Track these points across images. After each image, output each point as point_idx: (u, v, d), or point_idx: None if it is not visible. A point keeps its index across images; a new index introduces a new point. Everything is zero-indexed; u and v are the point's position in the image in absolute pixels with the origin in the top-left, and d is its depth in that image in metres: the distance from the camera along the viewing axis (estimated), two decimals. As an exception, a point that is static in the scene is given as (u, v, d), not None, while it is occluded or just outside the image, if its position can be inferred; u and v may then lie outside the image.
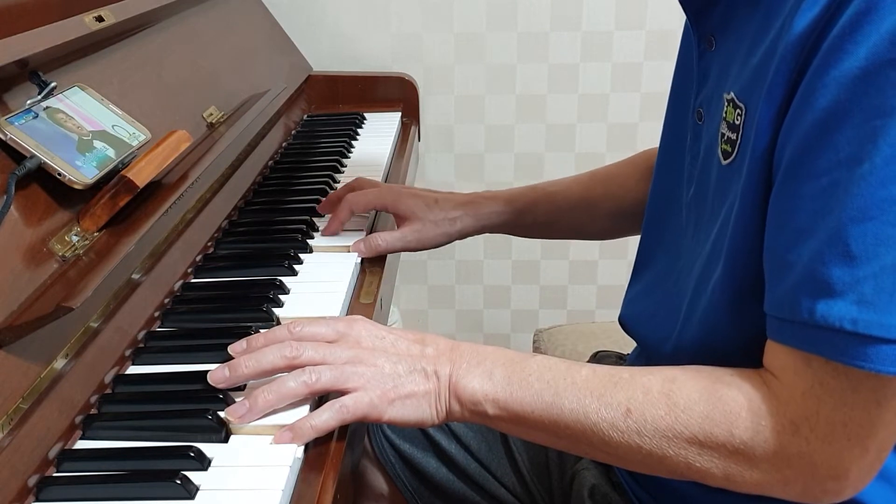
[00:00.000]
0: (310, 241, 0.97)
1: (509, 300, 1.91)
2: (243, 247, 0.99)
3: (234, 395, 0.68)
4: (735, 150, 0.65)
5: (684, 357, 0.71)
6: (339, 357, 0.67)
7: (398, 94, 1.59)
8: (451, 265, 1.87)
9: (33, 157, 0.73)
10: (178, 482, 0.58)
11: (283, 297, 0.85)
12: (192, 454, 0.61)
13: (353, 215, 1.00)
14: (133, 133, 0.87)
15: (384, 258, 0.97)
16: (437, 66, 1.70)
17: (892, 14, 0.52)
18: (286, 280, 0.88)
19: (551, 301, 1.90)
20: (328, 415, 0.65)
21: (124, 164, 0.81)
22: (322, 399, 0.68)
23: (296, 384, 0.65)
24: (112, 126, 0.85)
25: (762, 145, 0.60)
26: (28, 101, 0.78)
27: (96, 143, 0.81)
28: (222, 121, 1.11)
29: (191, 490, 0.58)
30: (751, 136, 0.61)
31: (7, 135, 0.72)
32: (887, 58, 0.52)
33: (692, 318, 0.70)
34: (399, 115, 1.54)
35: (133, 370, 0.74)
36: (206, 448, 0.62)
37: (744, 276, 0.63)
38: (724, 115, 0.66)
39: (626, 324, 0.85)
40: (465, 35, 1.68)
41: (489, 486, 0.95)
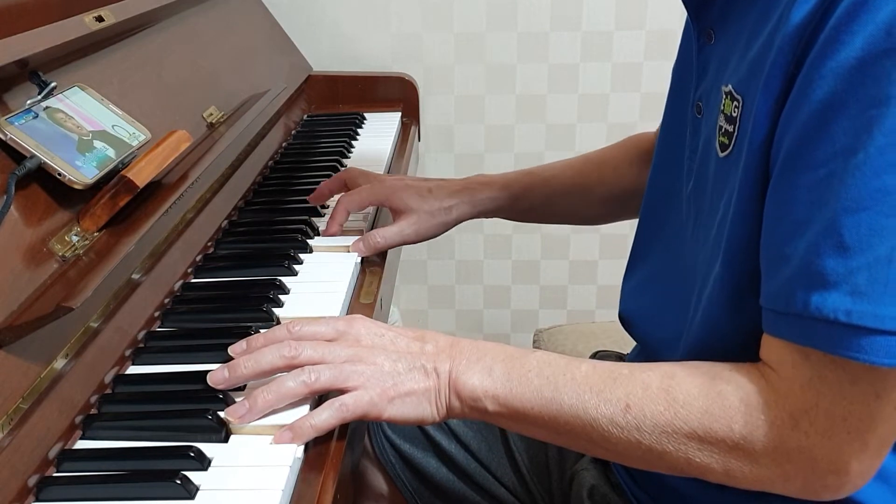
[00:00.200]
0: (310, 241, 0.97)
1: (509, 300, 1.91)
2: (243, 247, 0.99)
3: (234, 395, 0.68)
4: (732, 143, 0.65)
5: (685, 352, 0.71)
6: (339, 356, 0.67)
7: (398, 94, 1.58)
8: (451, 265, 1.87)
9: (33, 157, 0.73)
10: (178, 482, 0.58)
11: (283, 297, 0.85)
12: (192, 454, 0.61)
13: (349, 215, 1.00)
14: (133, 133, 0.87)
15: (384, 257, 0.97)
16: (437, 66, 1.70)
17: (888, 4, 0.52)
18: (286, 280, 0.88)
19: (551, 301, 1.90)
20: (328, 414, 0.64)
21: (124, 164, 0.81)
22: (322, 398, 0.67)
23: (295, 384, 0.65)
24: (112, 126, 0.85)
25: (759, 137, 0.59)
26: (28, 101, 0.78)
27: (96, 143, 0.81)
28: (222, 121, 1.11)
29: (191, 490, 0.58)
30: (748, 128, 0.61)
31: (7, 135, 0.72)
32: (883, 47, 0.52)
33: (696, 314, 0.70)
34: (399, 115, 1.54)
35: (133, 370, 0.74)
36: (206, 448, 0.62)
37: (742, 270, 0.63)
38: (722, 108, 0.66)
39: (628, 320, 0.85)
40: (465, 35, 1.68)
41: (489, 486, 0.95)
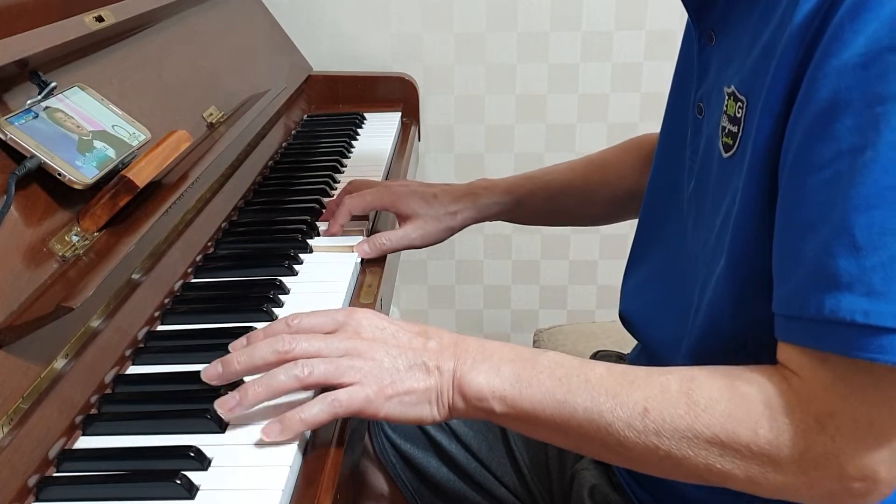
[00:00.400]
0: (310, 241, 0.97)
1: (509, 300, 1.91)
2: (243, 247, 0.99)
3: (234, 394, 0.68)
4: (736, 144, 0.64)
5: (686, 352, 0.70)
6: (336, 349, 0.65)
7: (398, 94, 1.58)
8: (451, 265, 1.87)
9: (33, 157, 0.73)
10: (178, 482, 0.58)
11: (283, 297, 0.85)
12: (192, 454, 0.61)
13: (351, 217, 1.00)
14: (133, 133, 0.87)
15: (384, 258, 0.97)
16: (437, 66, 1.70)
17: (891, 1, 0.51)
18: (286, 280, 0.88)
19: (551, 301, 1.90)
20: (319, 408, 0.62)
21: (124, 164, 0.81)
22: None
23: (286, 377, 0.63)
24: (112, 126, 0.85)
25: (763, 138, 0.59)
26: (28, 101, 0.78)
27: (96, 143, 0.81)
28: (222, 121, 1.11)
29: (191, 490, 0.58)
30: (752, 129, 0.60)
31: (7, 135, 0.72)
32: (887, 44, 0.51)
33: (697, 313, 0.69)
34: (399, 115, 1.54)
35: (133, 370, 0.74)
36: (206, 448, 0.62)
37: (745, 270, 0.63)
38: (725, 109, 0.66)
39: (628, 320, 0.85)
40: (465, 35, 1.68)
41: (489, 486, 0.94)
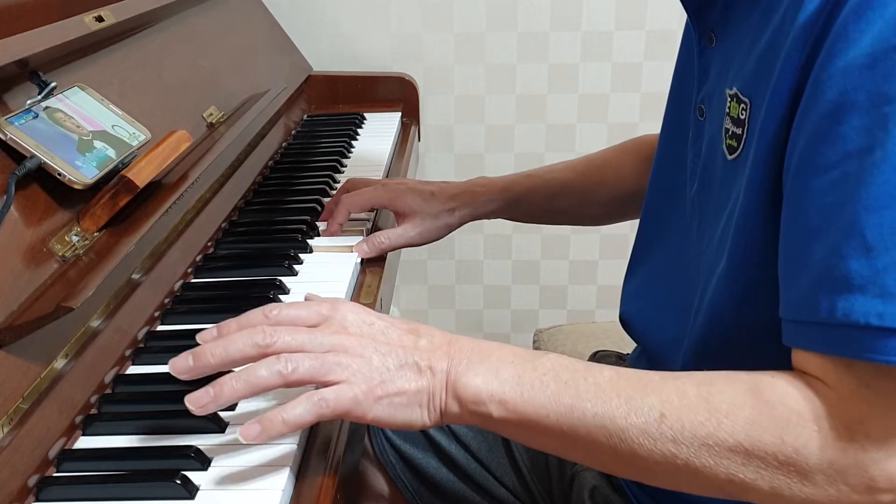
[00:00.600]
0: (310, 241, 0.97)
1: (509, 300, 1.91)
2: (243, 247, 0.99)
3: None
4: (741, 145, 0.64)
5: (686, 354, 0.70)
6: (321, 344, 0.60)
7: (398, 94, 1.58)
8: (451, 265, 1.87)
9: (33, 157, 0.73)
10: (178, 482, 0.58)
11: (283, 297, 0.85)
12: (192, 454, 0.61)
13: (350, 215, 1.00)
14: (133, 133, 0.87)
15: (384, 257, 0.97)
16: (437, 66, 1.70)
17: None
18: (286, 280, 0.88)
19: (551, 301, 1.90)
20: (304, 408, 0.57)
21: (124, 164, 0.81)
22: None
23: (268, 373, 0.58)
24: (112, 126, 0.85)
25: (767, 140, 0.59)
26: (28, 101, 0.78)
27: (96, 143, 0.81)
28: (222, 121, 1.11)
29: (191, 490, 0.58)
30: (756, 130, 0.60)
31: (7, 135, 0.72)
32: (893, 44, 0.51)
33: (698, 316, 0.69)
34: (399, 115, 1.54)
35: (133, 370, 0.74)
36: (206, 448, 0.62)
37: (746, 272, 0.62)
38: (728, 111, 0.66)
39: (628, 322, 0.85)
40: (465, 35, 1.68)
41: (489, 487, 0.94)
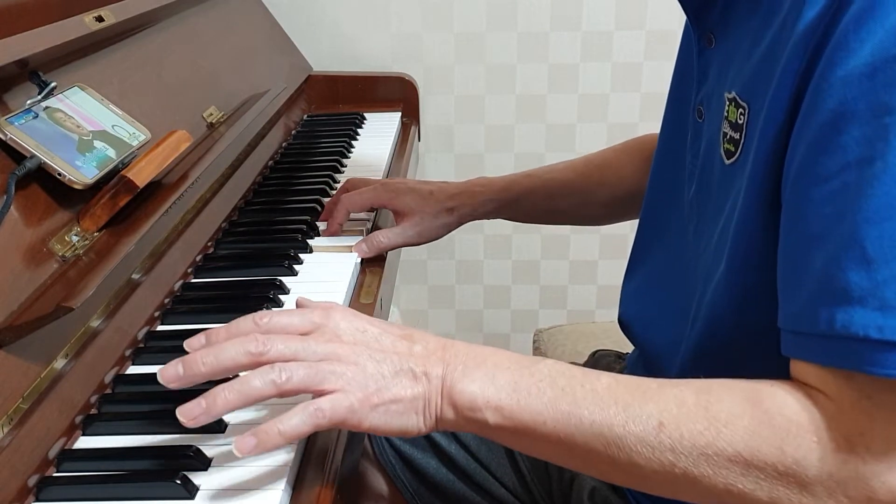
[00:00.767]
0: (310, 241, 0.97)
1: (509, 300, 1.91)
2: (243, 247, 0.99)
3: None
4: (739, 150, 0.64)
5: (685, 357, 0.70)
6: (314, 352, 0.59)
7: (398, 94, 1.58)
8: (451, 265, 1.87)
9: (33, 157, 0.73)
10: (178, 482, 0.58)
11: (283, 297, 0.85)
12: (192, 454, 0.61)
13: (349, 215, 1.00)
14: (133, 133, 0.87)
15: (384, 258, 0.97)
16: (437, 66, 1.70)
17: None
18: (286, 280, 0.88)
19: (551, 301, 1.90)
20: (300, 419, 0.57)
21: (124, 164, 0.81)
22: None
23: (262, 383, 0.57)
24: (112, 126, 0.85)
25: (766, 146, 0.58)
26: (28, 101, 0.78)
27: (96, 143, 0.81)
28: (222, 121, 1.11)
29: (191, 490, 0.58)
30: (755, 135, 0.60)
31: (7, 135, 0.72)
32: (893, 53, 0.50)
33: (697, 319, 0.69)
34: (399, 115, 1.54)
35: (133, 370, 0.74)
36: (206, 448, 0.62)
37: (745, 276, 0.62)
38: (727, 115, 0.65)
39: (627, 324, 0.85)
40: (465, 35, 1.68)
41: (489, 487, 0.94)
